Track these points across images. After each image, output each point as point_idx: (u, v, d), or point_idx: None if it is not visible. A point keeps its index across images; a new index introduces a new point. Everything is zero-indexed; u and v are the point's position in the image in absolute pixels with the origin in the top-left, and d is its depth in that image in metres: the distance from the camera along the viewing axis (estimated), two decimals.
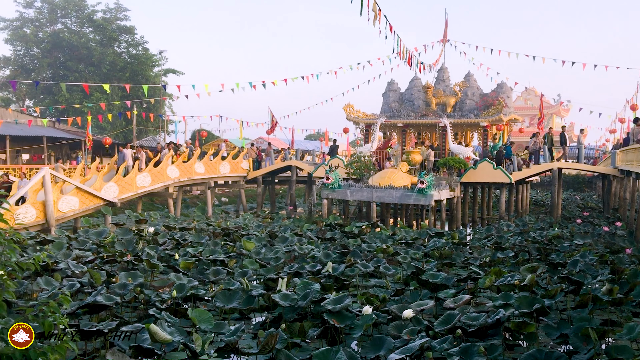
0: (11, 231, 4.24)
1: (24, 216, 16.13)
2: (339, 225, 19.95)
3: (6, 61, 48.56)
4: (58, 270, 10.85)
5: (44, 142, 33.16)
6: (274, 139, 45.38)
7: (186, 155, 26.72)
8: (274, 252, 13.52)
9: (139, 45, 51.55)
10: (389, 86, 29.26)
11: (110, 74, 47.74)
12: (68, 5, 49.18)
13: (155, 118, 44.37)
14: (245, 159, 29.49)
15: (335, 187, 22.76)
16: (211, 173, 26.94)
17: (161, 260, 12.51)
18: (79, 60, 47.85)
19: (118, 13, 50.75)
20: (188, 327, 7.91)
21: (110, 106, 40.33)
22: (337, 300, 8.09)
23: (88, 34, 49.27)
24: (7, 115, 34.96)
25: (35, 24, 49.00)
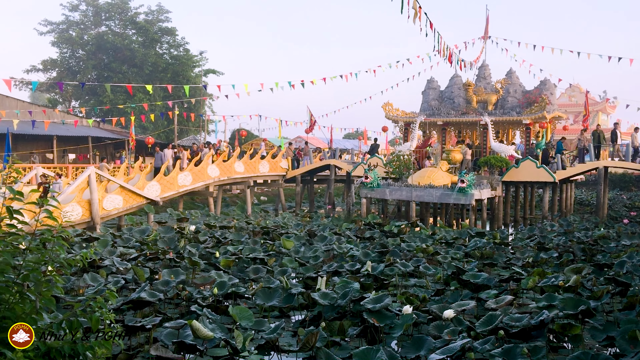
0: (60, 228, 4.36)
1: (71, 214, 16.61)
2: (378, 225, 19.87)
3: (53, 63, 50.01)
4: (103, 267, 11.13)
5: (89, 142, 34.05)
6: (312, 138, 45.49)
7: (226, 155, 27.03)
8: (313, 251, 13.56)
9: (180, 46, 52.38)
10: (429, 84, 28.98)
11: (153, 75, 48.66)
12: (112, 8, 50.34)
13: (196, 118, 45.02)
14: (284, 158, 29.66)
15: (374, 186, 22.66)
16: (250, 172, 27.19)
17: (202, 258, 12.69)
18: (122, 62, 48.93)
19: (160, 15, 51.67)
20: (229, 324, 8.02)
21: (152, 106, 41.13)
22: (376, 299, 8.06)
23: (131, 36, 50.33)
24: (54, 116, 36.01)
25: (81, 27, 50.31)
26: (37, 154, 32.37)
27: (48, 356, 3.81)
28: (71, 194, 17.20)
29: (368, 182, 22.64)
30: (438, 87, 28.99)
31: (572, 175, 24.51)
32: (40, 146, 32.96)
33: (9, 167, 4.57)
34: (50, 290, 4.12)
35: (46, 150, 33.16)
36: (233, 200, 32.95)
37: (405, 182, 22.54)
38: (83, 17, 50.68)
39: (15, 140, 27.95)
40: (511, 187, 24.99)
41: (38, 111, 33.01)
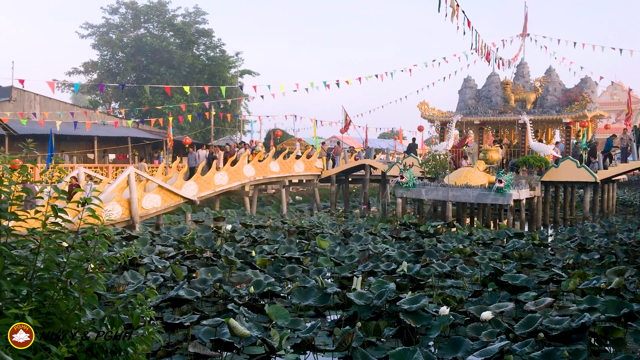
0: (102, 227, 4.45)
1: (111, 213, 16.97)
2: (414, 225, 19.73)
3: (94, 65, 51.19)
4: (143, 265, 11.34)
5: (128, 143, 34.74)
6: (347, 138, 45.46)
7: (262, 155, 27.22)
8: (348, 251, 13.55)
9: (217, 48, 52.99)
10: (466, 83, 28.62)
11: (190, 76, 49.35)
12: (150, 10, 51.25)
13: (232, 118, 45.49)
14: (319, 158, 29.72)
15: (410, 186, 22.50)
16: (286, 172, 27.32)
17: (238, 257, 12.80)
18: (160, 64, 49.76)
19: (197, 17, 52.38)
20: (265, 322, 8.07)
21: (189, 107, 41.72)
22: (413, 300, 8.01)
23: (169, 38, 51.15)
24: (95, 117, 36.86)
25: (120, 30, 51.36)
26: (78, 154, 33.18)
27: (91, 351, 3.90)
28: (111, 193, 17.57)
29: (404, 181, 22.49)
30: (475, 86, 28.60)
31: (614, 175, 23.88)
32: (81, 147, 33.77)
33: (53, 166, 4.68)
34: (93, 287, 4.21)
35: (87, 150, 33.95)
36: (268, 199, 33.17)
37: (441, 182, 22.31)
38: (122, 19, 51.72)
39: (58, 140, 28.69)
40: (551, 187, 24.49)
41: (80, 112, 33.84)
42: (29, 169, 4.29)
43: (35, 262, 4.05)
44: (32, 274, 4.02)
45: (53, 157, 18.63)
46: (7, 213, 3.98)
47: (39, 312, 3.82)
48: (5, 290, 3.73)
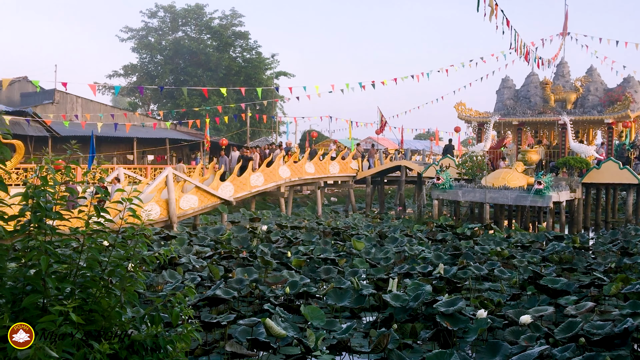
0: (142, 226, 4.53)
1: (150, 213, 17.29)
2: (450, 227, 19.52)
3: (133, 68, 52.22)
4: (180, 264, 11.51)
5: (166, 144, 35.33)
6: (383, 139, 45.29)
7: (297, 156, 27.34)
8: (383, 252, 13.49)
9: (253, 50, 53.43)
10: (504, 83, 28.19)
11: (226, 78, 49.88)
12: (188, 14, 52.01)
13: (268, 119, 45.81)
14: (354, 159, 29.68)
15: (446, 188, 22.28)
16: (321, 173, 27.37)
17: (274, 258, 12.88)
18: (197, 66, 50.44)
19: (233, 19, 52.91)
20: (300, 323, 8.10)
21: (226, 109, 42.17)
22: (449, 302, 7.92)
23: (206, 41, 51.79)
24: (135, 118, 37.59)
25: (159, 33, 52.27)
26: (118, 156, 33.89)
27: (132, 348, 3.97)
28: (150, 194, 17.90)
29: (440, 183, 22.28)
30: (513, 86, 28.15)
31: None
32: (121, 148, 34.49)
33: (96, 167, 4.79)
34: (133, 286, 4.29)
35: (127, 151, 34.66)
36: (304, 200, 33.27)
37: (478, 184, 22.03)
38: (161, 23, 52.62)
39: (99, 142, 29.38)
40: (592, 189, 23.91)
41: (119, 114, 34.58)
42: (72, 169, 4.39)
43: (79, 261, 4.15)
44: (75, 272, 4.12)
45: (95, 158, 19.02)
46: (52, 212, 4.08)
47: (82, 310, 3.90)
48: (50, 287, 3.83)
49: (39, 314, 3.71)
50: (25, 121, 26.33)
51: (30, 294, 3.80)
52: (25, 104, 33.67)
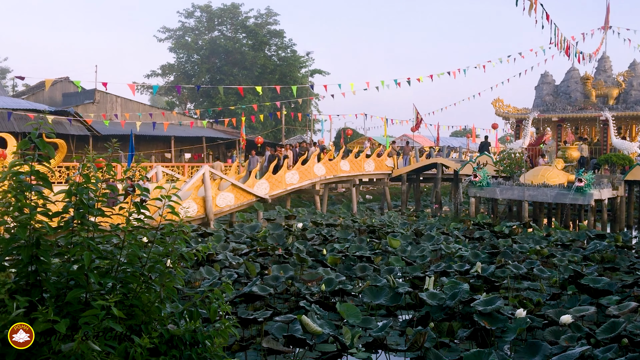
0: (181, 223, 4.59)
1: (187, 210, 17.53)
2: (488, 225, 19.25)
3: (170, 68, 53.03)
4: (217, 261, 11.63)
5: (203, 142, 35.76)
6: (418, 136, 44.89)
7: (332, 154, 27.34)
8: (419, 250, 13.39)
9: (288, 48, 53.66)
10: (543, 78, 27.65)
11: (261, 77, 50.21)
12: (224, 13, 52.54)
13: (303, 117, 45.93)
14: (389, 156, 29.54)
15: (484, 185, 21.97)
16: (356, 171, 27.31)
17: (310, 255, 12.91)
18: (233, 65, 50.92)
19: (268, 18, 53.25)
20: (336, 320, 8.10)
21: (261, 107, 42.50)
22: (487, 301, 7.81)
23: (241, 40, 52.23)
24: (172, 117, 38.16)
25: (195, 33, 52.94)
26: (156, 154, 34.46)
27: (171, 343, 4.03)
28: (188, 191, 18.15)
29: (477, 180, 21.99)
30: (553, 82, 27.59)
31: None
32: (159, 146, 35.06)
33: (137, 165, 4.87)
34: (172, 282, 4.35)
35: (165, 150, 35.21)
36: (339, 198, 33.26)
37: (517, 181, 21.66)
38: (198, 23, 53.29)
39: (138, 140, 29.87)
40: (635, 186, 23.25)
41: (157, 113, 35.14)
42: (113, 167, 4.49)
43: (119, 257, 4.23)
44: (116, 268, 4.20)
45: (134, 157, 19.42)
46: (94, 209, 4.17)
47: (123, 304, 3.98)
48: (92, 282, 3.92)
49: (82, 308, 3.79)
50: (67, 120, 26.99)
51: (74, 288, 3.89)
52: (67, 104, 34.52)
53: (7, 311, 3.37)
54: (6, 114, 24.61)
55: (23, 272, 3.87)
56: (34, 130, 4.15)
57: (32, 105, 28.53)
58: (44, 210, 4.07)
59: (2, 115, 25.02)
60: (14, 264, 4.00)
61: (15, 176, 4.00)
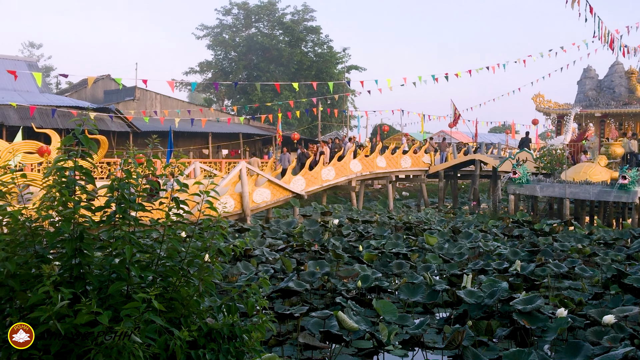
0: (219, 218, 4.64)
1: (224, 206, 17.73)
2: (528, 223, 18.91)
3: (208, 65, 53.64)
4: (254, 256, 11.73)
5: (240, 138, 36.08)
6: (456, 133, 44.39)
7: (368, 150, 27.26)
8: (457, 248, 13.24)
9: (324, 44, 53.64)
10: (585, 73, 26.94)
11: (298, 73, 50.34)
12: (261, 10, 52.84)
13: (339, 114, 45.88)
14: (426, 153, 29.28)
15: (523, 182, 21.59)
16: (392, 167, 27.17)
17: (346, 251, 12.90)
18: (270, 62, 51.17)
19: (305, 14, 53.31)
20: (372, 317, 8.08)
21: (297, 103, 42.63)
22: (527, 300, 7.67)
23: (278, 36, 52.45)
24: (210, 114, 38.61)
25: (233, 30, 53.40)
26: (194, 150, 34.93)
27: (209, 336, 4.08)
28: (225, 187, 18.35)
29: (516, 177, 21.62)
30: (596, 76, 26.85)
31: None
32: (197, 142, 35.54)
33: (176, 161, 4.94)
34: (211, 276, 4.40)
35: (202, 146, 35.67)
36: (375, 195, 33.14)
37: (557, 178, 21.20)
38: (235, 20, 53.73)
39: (176, 137, 30.37)
40: None
41: (195, 110, 35.61)
42: (154, 163, 4.56)
43: (159, 251, 4.30)
44: (156, 262, 4.28)
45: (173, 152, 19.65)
46: (135, 204, 4.25)
47: (163, 297, 4.05)
48: (133, 275, 4.00)
49: (124, 301, 3.87)
50: (109, 117, 27.59)
51: (115, 281, 3.97)
52: (108, 101, 35.30)
53: (52, 302, 3.46)
54: (50, 111, 25.29)
55: (67, 265, 3.97)
56: (78, 127, 4.25)
57: (75, 102, 29.28)
58: (87, 204, 4.17)
59: (47, 112, 25.72)
60: (58, 256, 4.11)
61: (59, 171, 4.10)
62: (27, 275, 3.90)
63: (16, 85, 28.94)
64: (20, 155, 13.73)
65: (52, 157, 13.55)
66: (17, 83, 28.42)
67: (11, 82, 28.11)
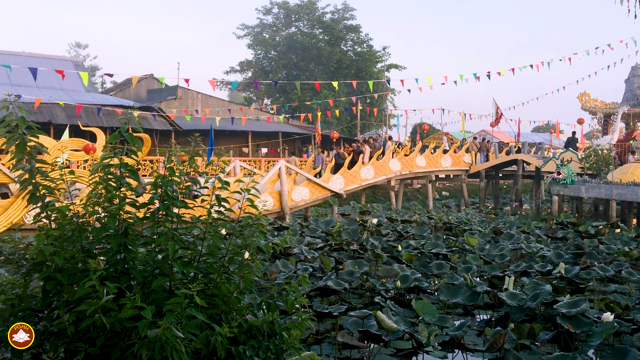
0: (260, 216, 4.67)
1: (264, 204, 17.88)
2: (572, 224, 18.45)
3: (248, 64, 54.14)
4: (293, 254, 11.78)
5: (279, 137, 36.30)
6: (498, 132, 43.65)
7: (408, 149, 27.06)
8: (498, 249, 13.01)
9: (364, 43, 53.48)
10: (634, 71, 26.14)
11: (337, 72, 50.32)
12: (301, 9, 53.03)
13: (378, 112, 45.67)
14: (467, 152, 28.89)
15: (568, 183, 21.09)
16: (432, 167, 26.90)
17: (384, 251, 12.83)
18: (309, 61, 51.31)
19: (345, 13, 53.23)
20: (411, 317, 8.01)
21: (337, 102, 42.63)
22: (572, 303, 7.48)
23: (318, 35, 52.53)
24: (250, 113, 38.95)
25: (273, 29, 53.75)
26: (234, 148, 35.31)
27: (249, 333, 4.12)
28: (264, 185, 18.49)
29: (561, 178, 21.14)
30: None
31: None
32: (237, 141, 35.89)
33: (218, 159, 5.01)
34: (251, 273, 4.44)
35: (242, 144, 36.02)
36: (414, 194, 32.88)
37: (604, 179, 20.62)
38: (275, 19, 54.08)
39: (216, 135, 30.75)
40: None
41: (236, 109, 36.00)
42: (196, 161, 4.63)
43: (201, 248, 4.36)
44: (198, 258, 4.34)
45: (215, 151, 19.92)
46: (178, 201, 4.32)
47: (204, 294, 4.10)
48: (176, 271, 4.06)
49: (166, 296, 3.94)
50: (152, 116, 28.13)
51: (159, 277, 4.05)
52: (151, 100, 36.00)
53: (98, 296, 3.55)
54: (96, 110, 25.95)
55: (112, 260, 4.07)
56: (123, 125, 4.34)
57: (119, 101, 29.96)
58: (132, 201, 4.25)
59: (92, 111, 26.40)
60: (104, 252, 4.21)
61: (106, 168, 4.20)
62: (74, 269, 4.01)
63: (63, 85, 29.78)
64: (67, 153, 14.14)
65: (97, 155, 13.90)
66: (65, 82, 29.24)
67: (59, 81, 28.93)
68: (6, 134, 4.15)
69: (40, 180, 4.26)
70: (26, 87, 27.70)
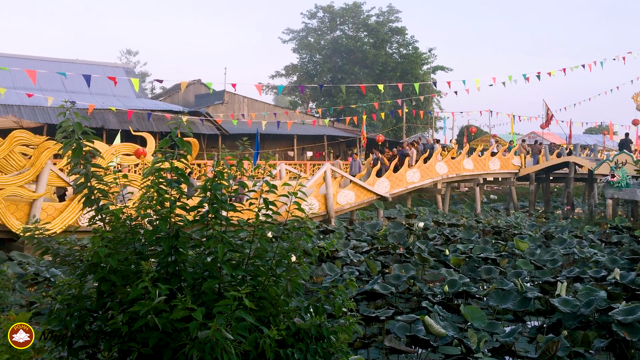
0: (307, 219, 4.68)
1: (310, 207, 17.95)
2: (627, 229, 17.83)
3: (294, 68, 54.51)
4: (339, 258, 11.77)
5: (324, 141, 36.36)
6: (548, 134, 42.58)
7: (455, 152, 26.70)
8: (550, 254, 12.68)
9: (409, 45, 53.09)
10: None
11: (382, 75, 50.10)
12: (346, 13, 53.07)
13: (424, 115, 45.21)
14: (516, 155, 28.30)
15: (623, 186, 20.40)
16: (480, 169, 26.45)
17: (431, 255, 12.68)
18: (354, 64, 51.27)
19: (390, 15, 52.99)
20: (460, 323, 7.89)
21: (382, 105, 42.41)
22: (628, 310, 7.21)
23: (363, 38, 52.44)
24: (295, 116, 39.16)
25: (318, 33, 53.96)
26: (280, 152, 35.59)
27: (297, 336, 4.13)
28: (310, 189, 18.56)
29: (615, 181, 20.47)
30: None
31: None
32: (282, 145, 36.14)
33: (266, 163, 5.05)
34: (298, 276, 4.45)
35: (287, 148, 36.24)
36: (461, 198, 32.40)
37: None
38: (320, 23, 54.29)
39: (262, 139, 31.04)
40: None
41: (281, 112, 36.25)
42: (244, 165, 4.67)
43: (249, 250, 4.40)
44: (246, 261, 4.38)
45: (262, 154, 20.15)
46: (227, 204, 4.37)
47: (252, 296, 4.13)
48: (225, 273, 4.11)
49: (216, 298, 3.99)
50: (200, 120, 28.62)
51: (208, 279, 4.11)
52: (199, 105, 36.62)
53: (150, 297, 3.62)
54: (146, 115, 26.58)
55: (164, 262, 4.15)
56: (174, 130, 4.43)
57: (168, 106, 30.61)
58: (182, 204, 4.33)
59: (143, 116, 27.06)
60: (155, 254, 4.30)
61: (157, 172, 4.29)
62: (127, 271, 4.11)
63: (115, 91, 30.63)
64: (119, 157, 14.54)
65: (147, 159, 14.24)
66: (116, 89, 30.07)
67: (111, 87, 29.78)
68: (63, 139, 4.29)
69: (95, 184, 4.38)
70: (80, 93, 28.64)
